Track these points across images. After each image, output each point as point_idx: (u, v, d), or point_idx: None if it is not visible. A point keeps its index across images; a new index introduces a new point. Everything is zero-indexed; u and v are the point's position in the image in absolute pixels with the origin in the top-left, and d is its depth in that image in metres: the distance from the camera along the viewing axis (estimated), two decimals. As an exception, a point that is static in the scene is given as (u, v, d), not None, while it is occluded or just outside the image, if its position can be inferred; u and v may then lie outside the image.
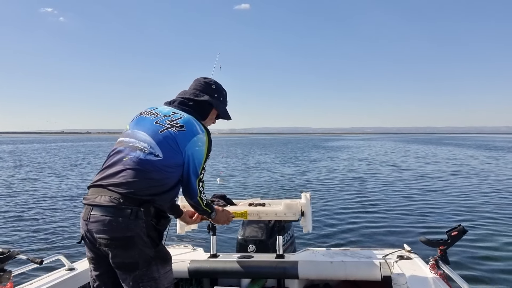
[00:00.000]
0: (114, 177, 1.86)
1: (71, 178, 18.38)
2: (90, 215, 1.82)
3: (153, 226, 1.86)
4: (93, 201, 1.83)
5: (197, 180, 1.99)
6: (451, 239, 2.27)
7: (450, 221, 7.85)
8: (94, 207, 1.82)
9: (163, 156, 1.88)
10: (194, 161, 1.95)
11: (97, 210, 1.81)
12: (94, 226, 1.81)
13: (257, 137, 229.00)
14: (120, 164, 1.88)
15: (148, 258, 1.82)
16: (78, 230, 1.98)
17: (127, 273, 1.82)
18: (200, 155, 1.96)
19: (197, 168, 1.96)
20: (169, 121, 1.98)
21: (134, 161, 1.87)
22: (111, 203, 1.79)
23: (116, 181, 1.84)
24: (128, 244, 1.78)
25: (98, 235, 1.80)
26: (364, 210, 9.23)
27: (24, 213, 10.17)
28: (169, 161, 1.90)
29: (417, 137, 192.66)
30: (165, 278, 1.90)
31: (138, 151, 1.90)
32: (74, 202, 11.73)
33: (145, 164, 1.86)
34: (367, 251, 2.83)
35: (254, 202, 3.05)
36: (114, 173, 1.87)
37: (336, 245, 6.31)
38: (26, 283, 2.35)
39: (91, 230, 1.82)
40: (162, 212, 1.94)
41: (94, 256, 1.93)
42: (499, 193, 11.44)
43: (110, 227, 1.78)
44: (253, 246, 2.96)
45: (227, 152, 42.26)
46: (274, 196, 11.79)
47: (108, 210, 1.79)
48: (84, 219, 1.85)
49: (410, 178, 15.96)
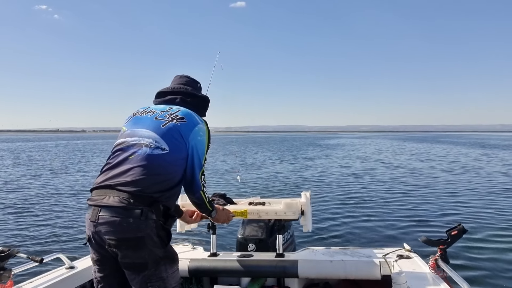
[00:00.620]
0: (122, 176, 1.83)
1: (70, 176, 18.29)
2: (98, 216, 1.78)
3: (162, 226, 1.86)
4: (101, 202, 1.80)
5: (200, 173, 1.99)
6: (451, 239, 2.28)
7: (450, 220, 7.88)
8: (103, 208, 1.78)
9: (169, 149, 1.88)
10: (198, 152, 1.97)
11: (106, 211, 1.77)
12: (103, 228, 1.78)
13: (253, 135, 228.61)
14: (127, 163, 1.86)
15: (157, 258, 1.82)
16: (79, 228, 1.98)
17: (136, 273, 1.81)
18: (202, 145, 1.99)
19: (200, 159, 1.98)
20: (168, 115, 1.99)
21: (143, 157, 1.85)
22: (121, 204, 1.76)
23: (125, 179, 1.81)
24: (139, 245, 1.77)
25: (107, 236, 1.78)
26: (364, 210, 9.24)
27: (24, 212, 10.13)
28: (175, 153, 1.90)
29: (413, 135, 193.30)
30: (173, 277, 1.90)
31: (144, 147, 1.89)
32: (74, 201, 11.69)
33: (154, 159, 1.85)
34: (367, 250, 2.84)
35: (254, 201, 3.06)
36: (122, 172, 1.84)
37: (336, 244, 6.31)
38: (26, 282, 2.34)
39: (100, 232, 1.79)
40: (169, 210, 1.93)
41: (99, 257, 1.91)
42: (499, 193, 11.49)
43: (120, 228, 1.75)
44: (253, 245, 2.96)
45: (224, 149, 42.19)
46: (274, 194, 11.80)
47: (117, 211, 1.76)
48: (92, 221, 1.81)
49: (410, 177, 16.01)
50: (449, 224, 7.17)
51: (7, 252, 2.16)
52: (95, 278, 1.98)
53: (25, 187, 14.78)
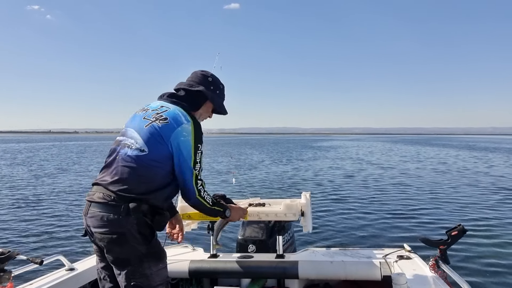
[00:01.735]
0: (108, 176, 1.93)
1: (67, 177, 18.16)
2: (88, 210, 1.90)
3: (145, 223, 1.87)
4: (91, 198, 1.91)
5: (192, 177, 1.93)
6: (451, 239, 2.30)
7: (450, 220, 7.92)
8: (92, 203, 1.90)
9: (148, 151, 1.89)
10: (182, 152, 1.90)
11: (94, 206, 1.88)
12: (90, 221, 1.89)
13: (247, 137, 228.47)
14: (114, 163, 1.94)
15: (140, 255, 1.85)
16: (79, 230, 2.00)
17: (120, 269, 1.87)
18: (187, 146, 1.90)
19: (187, 161, 1.90)
20: (155, 114, 1.98)
21: (123, 158, 1.92)
22: (104, 200, 1.86)
23: (109, 179, 1.90)
24: (120, 240, 1.82)
25: (94, 229, 1.88)
26: (364, 210, 9.27)
27: (23, 213, 10.05)
28: (155, 154, 1.89)
29: (405, 137, 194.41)
30: (158, 275, 1.90)
31: (126, 148, 1.94)
32: (73, 202, 11.60)
33: (133, 160, 1.89)
34: (367, 251, 2.85)
35: (254, 202, 3.06)
36: (109, 172, 1.94)
37: (336, 244, 6.32)
38: (26, 284, 2.33)
39: (89, 225, 1.91)
40: (157, 208, 1.93)
41: (97, 248, 2.00)
42: (499, 193, 11.57)
43: (102, 222, 1.84)
44: (253, 246, 2.96)
45: (219, 151, 42.10)
46: (274, 195, 11.78)
47: (101, 206, 1.86)
48: (84, 214, 1.94)
49: (409, 177, 16.08)
50: (449, 224, 7.23)
51: (7, 254, 2.15)
52: (97, 268, 2.06)
53: (25, 187, 14.67)
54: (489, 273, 4.95)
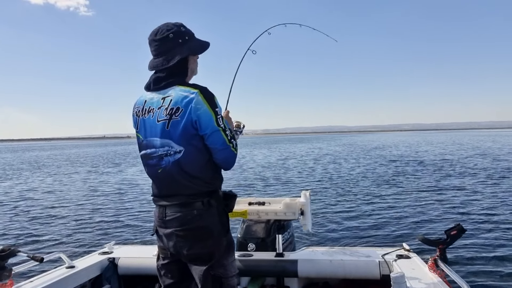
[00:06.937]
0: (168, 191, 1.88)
1: (71, 179, 18.31)
2: (165, 213, 1.86)
3: (223, 211, 1.91)
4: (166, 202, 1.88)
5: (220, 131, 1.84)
6: (450, 238, 2.29)
7: (449, 220, 7.87)
8: (167, 207, 1.87)
9: (184, 147, 1.83)
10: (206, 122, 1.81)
11: (171, 209, 1.85)
12: (170, 223, 1.85)
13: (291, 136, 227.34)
14: (160, 178, 1.89)
15: (221, 247, 1.88)
16: (79, 229, 1.99)
17: (202, 264, 1.85)
18: (206, 116, 1.81)
19: (213, 127, 1.82)
20: (164, 111, 1.86)
21: (170, 168, 1.84)
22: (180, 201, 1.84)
23: (173, 193, 1.86)
24: (206, 235, 1.83)
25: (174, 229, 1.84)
26: (364, 209, 9.24)
27: (25, 211, 10.16)
28: (192, 147, 1.84)
29: (457, 132, 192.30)
30: (232, 266, 1.94)
31: (165, 157, 1.85)
32: (74, 201, 11.71)
33: (179, 164, 1.83)
34: (366, 250, 2.85)
35: (254, 200, 3.06)
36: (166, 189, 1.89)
37: (335, 243, 6.32)
38: (27, 281, 2.35)
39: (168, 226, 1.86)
40: (224, 192, 1.97)
41: (163, 247, 1.97)
42: (499, 193, 11.45)
43: (185, 221, 1.82)
44: (252, 245, 2.97)
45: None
46: (275, 191, 11.76)
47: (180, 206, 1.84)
48: (160, 218, 1.89)
49: (409, 176, 15.98)
50: (448, 224, 7.17)
51: (7, 251, 2.17)
52: (158, 265, 2.04)
53: (25, 188, 14.81)
54: (488, 272, 4.91)
